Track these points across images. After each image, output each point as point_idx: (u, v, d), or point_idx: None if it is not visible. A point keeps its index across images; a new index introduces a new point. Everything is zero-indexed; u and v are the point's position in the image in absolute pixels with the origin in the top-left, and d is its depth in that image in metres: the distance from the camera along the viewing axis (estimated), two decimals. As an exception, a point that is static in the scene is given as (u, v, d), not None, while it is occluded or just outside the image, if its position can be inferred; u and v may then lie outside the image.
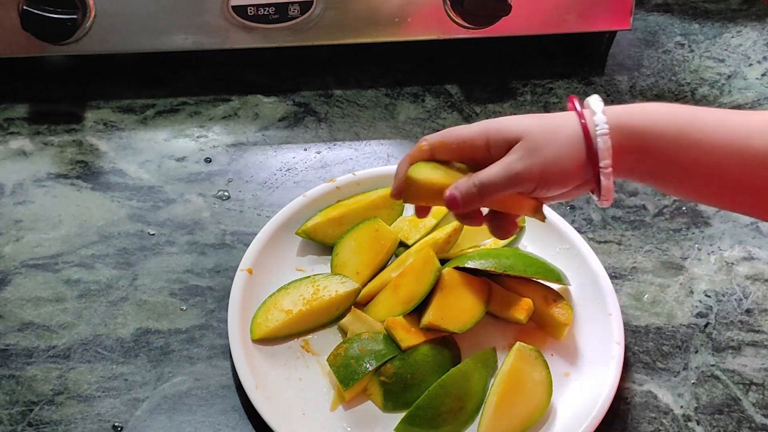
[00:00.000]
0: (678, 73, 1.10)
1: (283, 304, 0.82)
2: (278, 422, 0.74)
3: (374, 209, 0.89)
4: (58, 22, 0.93)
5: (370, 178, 0.91)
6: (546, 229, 0.88)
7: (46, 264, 0.87)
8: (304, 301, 0.82)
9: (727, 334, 0.85)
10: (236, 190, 0.95)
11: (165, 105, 1.03)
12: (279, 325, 0.81)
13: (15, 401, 0.77)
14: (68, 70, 1.06)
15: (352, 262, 0.85)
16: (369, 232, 0.86)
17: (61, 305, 0.84)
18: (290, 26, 0.99)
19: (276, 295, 0.82)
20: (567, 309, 0.82)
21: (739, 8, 1.18)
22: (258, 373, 0.78)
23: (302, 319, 0.82)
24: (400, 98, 1.05)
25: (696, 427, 0.78)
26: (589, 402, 0.77)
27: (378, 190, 0.90)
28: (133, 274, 0.87)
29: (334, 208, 0.89)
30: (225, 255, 0.89)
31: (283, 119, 1.02)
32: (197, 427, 0.77)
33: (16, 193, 0.93)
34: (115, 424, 0.76)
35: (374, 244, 0.86)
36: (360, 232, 0.87)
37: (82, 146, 0.98)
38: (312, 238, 0.88)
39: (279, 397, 0.77)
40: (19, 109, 1.01)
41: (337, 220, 0.88)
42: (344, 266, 0.85)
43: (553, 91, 1.07)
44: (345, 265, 0.85)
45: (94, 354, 0.81)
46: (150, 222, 0.91)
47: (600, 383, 0.77)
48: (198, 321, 0.84)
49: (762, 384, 0.81)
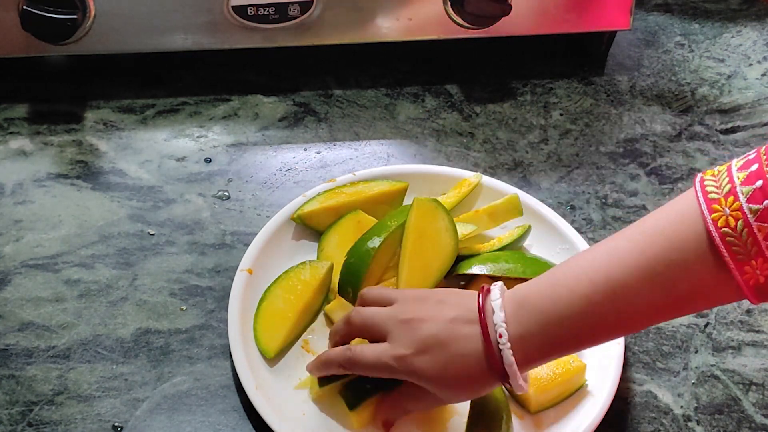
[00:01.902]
0: (678, 73, 1.10)
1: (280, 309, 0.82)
2: (278, 422, 0.74)
3: (373, 204, 0.89)
4: (58, 22, 0.93)
5: (370, 178, 0.91)
6: (546, 229, 0.88)
7: (46, 264, 0.87)
8: (296, 297, 0.82)
9: (727, 334, 0.85)
10: (236, 190, 0.95)
11: (165, 105, 1.03)
12: (286, 332, 0.81)
13: (15, 401, 0.77)
14: (68, 70, 1.06)
15: (337, 257, 0.85)
16: (351, 225, 0.87)
17: (61, 305, 0.84)
18: (290, 26, 0.99)
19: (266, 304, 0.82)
20: None
21: (739, 8, 1.18)
22: (258, 373, 0.78)
23: (302, 314, 0.82)
24: (400, 98, 1.05)
25: (696, 427, 0.78)
26: (589, 402, 0.77)
27: (380, 184, 0.90)
28: (133, 274, 0.87)
29: (333, 195, 0.89)
30: (225, 255, 0.89)
31: (283, 119, 1.02)
32: (197, 427, 0.77)
33: (16, 193, 0.93)
34: (115, 424, 0.76)
35: (358, 235, 0.86)
36: (342, 226, 0.87)
37: (82, 146, 0.98)
38: (306, 223, 0.88)
39: (279, 397, 0.77)
40: (19, 109, 1.01)
41: (333, 209, 0.88)
42: (330, 260, 0.85)
43: (553, 91, 1.07)
44: (331, 259, 0.85)
45: (94, 354, 0.81)
46: (150, 222, 0.91)
47: (600, 383, 0.77)
48: (198, 321, 0.84)
49: (762, 384, 0.81)
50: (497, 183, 0.92)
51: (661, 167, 0.99)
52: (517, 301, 0.67)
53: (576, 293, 0.64)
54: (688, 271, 0.61)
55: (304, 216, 0.88)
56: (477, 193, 0.92)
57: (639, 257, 0.63)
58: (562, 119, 1.03)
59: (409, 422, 0.77)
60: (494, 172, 0.97)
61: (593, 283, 0.64)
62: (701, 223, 0.60)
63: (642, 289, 0.63)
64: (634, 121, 1.04)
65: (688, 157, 1.00)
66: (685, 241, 0.61)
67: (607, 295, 0.64)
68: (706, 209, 0.60)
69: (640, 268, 0.63)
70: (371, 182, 0.91)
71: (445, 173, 0.93)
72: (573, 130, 1.02)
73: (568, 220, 0.91)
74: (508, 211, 0.89)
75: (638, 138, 1.02)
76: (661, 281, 0.62)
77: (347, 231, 0.87)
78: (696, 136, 1.03)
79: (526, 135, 1.02)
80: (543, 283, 0.67)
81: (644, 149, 1.01)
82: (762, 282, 0.59)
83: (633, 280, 0.63)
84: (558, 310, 0.65)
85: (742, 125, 1.04)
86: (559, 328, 0.65)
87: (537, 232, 0.89)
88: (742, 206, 0.59)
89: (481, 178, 0.92)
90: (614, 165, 0.99)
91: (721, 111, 1.05)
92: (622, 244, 0.65)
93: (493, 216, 0.88)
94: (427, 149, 1.00)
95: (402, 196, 0.91)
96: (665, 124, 1.04)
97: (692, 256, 0.61)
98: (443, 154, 0.99)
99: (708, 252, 0.60)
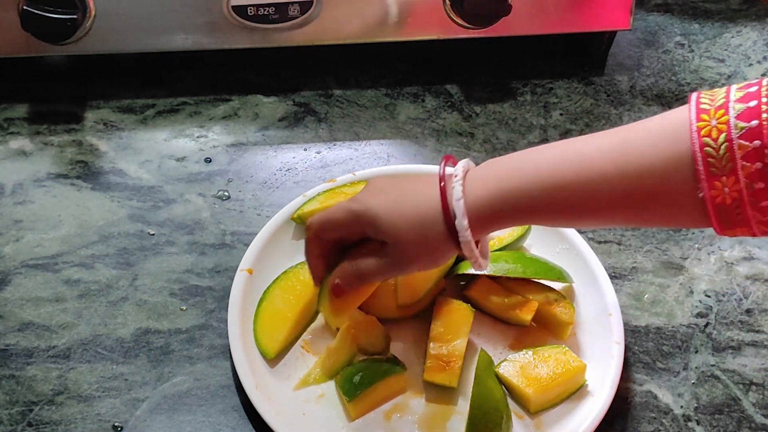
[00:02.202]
0: (678, 73, 1.10)
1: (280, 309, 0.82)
2: (278, 422, 0.74)
3: None
4: (58, 22, 0.93)
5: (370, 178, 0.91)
6: (546, 230, 0.88)
7: (46, 264, 0.87)
8: (296, 297, 0.82)
9: (727, 334, 0.85)
10: (236, 190, 0.95)
11: (165, 105, 1.03)
12: (286, 332, 0.81)
13: (15, 401, 0.77)
14: (68, 70, 1.06)
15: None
16: None
17: (61, 305, 0.84)
18: (290, 26, 0.99)
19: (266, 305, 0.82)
20: (569, 308, 0.82)
21: (739, 8, 1.18)
22: (258, 373, 0.78)
23: (302, 315, 0.82)
24: (400, 98, 1.05)
25: (696, 427, 0.78)
26: (589, 402, 0.77)
27: None
28: (133, 274, 0.87)
29: (333, 195, 0.89)
30: (225, 255, 0.89)
31: (283, 119, 1.02)
32: (197, 427, 0.77)
33: (16, 193, 0.93)
34: (115, 424, 0.76)
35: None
36: None
37: (82, 146, 0.98)
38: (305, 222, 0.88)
39: (279, 398, 0.77)
40: (19, 109, 1.01)
41: None
42: None
43: (553, 91, 1.07)
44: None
45: (94, 354, 0.81)
46: (150, 222, 0.91)
47: (600, 383, 0.77)
48: (198, 321, 0.84)
49: (762, 384, 0.81)
50: None
51: (661, 167, 0.99)
52: (480, 167, 0.68)
53: (542, 166, 0.65)
54: (660, 173, 0.61)
55: (304, 216, 0.88)
56: None
57: (616, 145, 0.63)
58: (562, 119, 1.03)
59: (409, 423, 0.77)
60: (494, 172, 0.97)
61: (562, 159, 0.64)
62: (687, 130, 0.60)
63: (611, 177, 0.62)
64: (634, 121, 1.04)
65: (688, 157, 1.00)
66: (665, 142, 0.61)
67: (573, 173, 0.63)
68: (694, 116, 0.60)
69: (614, 154, 0.62)
70: None
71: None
72: (573, 130, 1.02)
73: (568, 220, 0.91)
74: None
75: (638, 138, 1.02)
76: (632, 175, 0.62)
77: None
78: (696, 136, 1.02)
79: (526, 135, 1.02)
80: (511, 156, 0.68)
81: (644, 149, 1.01)
82: (728, 203, 0.59)
83: (603, 166, 0.63)
84: (519, 179, 0.65)
85: (742, 125, 1.04)
86: (517, 197, 0.65)
87: (537, 232, 0.89)
88: (729, 120, 0.58)
89: None
90: (614, 165, 0.99)
91: (721, 111, 1.05)
92: (604, 133, 0.65)
93: None
94: (427, 149, 1.00)
95: None
96: (665, 124, 1.04)
97: (669, 159, 0.60)
98: (443, 154, 0.99)
99: (684, 158, 0.60)
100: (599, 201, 0.64)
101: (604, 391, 0.77)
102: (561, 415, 0.77)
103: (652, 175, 0.61)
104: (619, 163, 0.62)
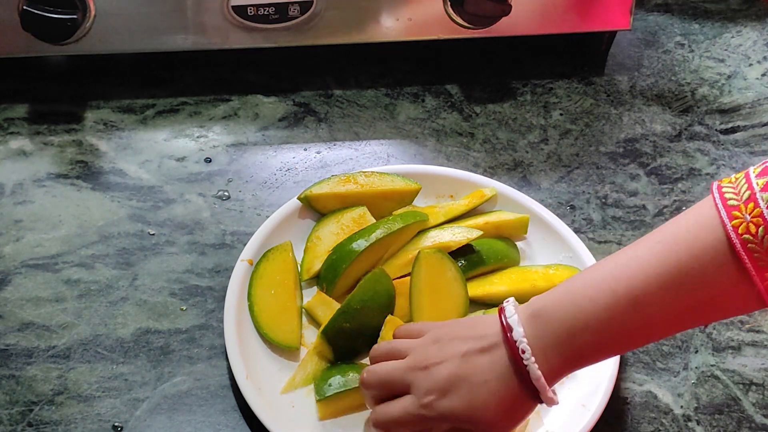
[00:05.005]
0: (678, 73, 1.10)
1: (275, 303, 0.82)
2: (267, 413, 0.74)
3: (382, 199, 0.89)
4: (58, 22, 0.93)
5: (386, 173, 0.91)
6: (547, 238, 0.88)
7: (46, 264, 0.87)
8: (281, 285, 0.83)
9: (727, 334, 0.85)
10: (236, 190, 0.95)
11: (165, 105, 1.03)
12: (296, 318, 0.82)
13: (15, 401, 0.77)
14: (68, 70, 1.06)
15: (327, 243, 0.86)
16: (351, 218, 0.87)
17: (61, 305, 0.84)
18: (290, 26, 0.99)
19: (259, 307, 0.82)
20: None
21: (739, 8, 1.18)
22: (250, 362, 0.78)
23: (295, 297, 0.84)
24: (400, 98, 1.05)
25: (696, 427, 0.78)
26: (588, 402, 0.77)
27: (394, 181, 0.90)
28: (133, 274, 0.87)
29: (345, 182, 0.89)
30: (225, 255, 0.89)
31: (283, 119, 1.02)
32: (197, 427, 0.77)
33: (16, 193, 0.93)
34: (115, 424, 0.76)
35: (353, 231, 0.86)
36: (343, 216, 0.87)
37: (82, 146, 0.98)
38: (312, 205, 0.88)
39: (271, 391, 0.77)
40: (19, 109, 1.01)
41: (341, 196, 0.88)
42: (318, 242, 0.86)
43: (553, 91, 1.07)
44: (320, 243, 0.86)
45: (94, 354, 0.81)
46: (150, 222, 0.91)
47: (599, 383, 0.77)
48: (198, 321, 0.84)
49: (762, 384, 0.81)
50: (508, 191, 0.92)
51: (661, 167, 0.99)
52: (534, 315, 0.66)
53: (598, 303, 0.64)
54: (708, 280, 0.61)
55: (311, 197, 0.88)
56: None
57: (659, 266, 0.62)
58: (562, 119, 1.03)
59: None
60: (494, 172, 0.97)
61: (615, 293, 0.63)
62: (721, 230, 0.60)
63: (664, 298, 0.62)
64: (634, 121, 1.04)
65: (688, 157, 1.00)
66: (705, 249, 0.61)
67: (629, 304, 0.63)
68: (726, 216, 0.60)
69: (660, 277, 0.62)
70: (386, 176, 0.90)
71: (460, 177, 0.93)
72: (573, 130, 1.02)
73: (568, 220, 0.91)
74: (515, 229, 0.89)
75: (638, 138, 1.02)
76: (682, 290, 0.62)
77: (345, 223, 0.87)
78: (696, 136, 1.03)
79: (526, 135, 1.02)
80: (560, 294, 0.67)
81: (644, 149, 1.01)
82: None
83: (654, 289, 0.62)
84: (580, 321, 0.64)
85: (742, 125, 1.04)
86: (582, 338, 0.65)
87: (537, 232, 0.89)
88: (763, 212, 0.59)
89: (496, 192, 0.91)
90: (614, 165, 0.99)
91: (721, 111, 1.05)
92: (642, 254, 0.64)
93: (500, 230, 0.89)
94: (427, 149, 1.00)
95: (412, 197, 0.90)
96: (665, 124, 1.04)
97: (712, 264, 0.61)
98: (443, 154, 0.99)
99: (728, 260, 0.60)
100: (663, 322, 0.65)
101: (603, 391, 0.77)
102: (561, 415, 0.77)
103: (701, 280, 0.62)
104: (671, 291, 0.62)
